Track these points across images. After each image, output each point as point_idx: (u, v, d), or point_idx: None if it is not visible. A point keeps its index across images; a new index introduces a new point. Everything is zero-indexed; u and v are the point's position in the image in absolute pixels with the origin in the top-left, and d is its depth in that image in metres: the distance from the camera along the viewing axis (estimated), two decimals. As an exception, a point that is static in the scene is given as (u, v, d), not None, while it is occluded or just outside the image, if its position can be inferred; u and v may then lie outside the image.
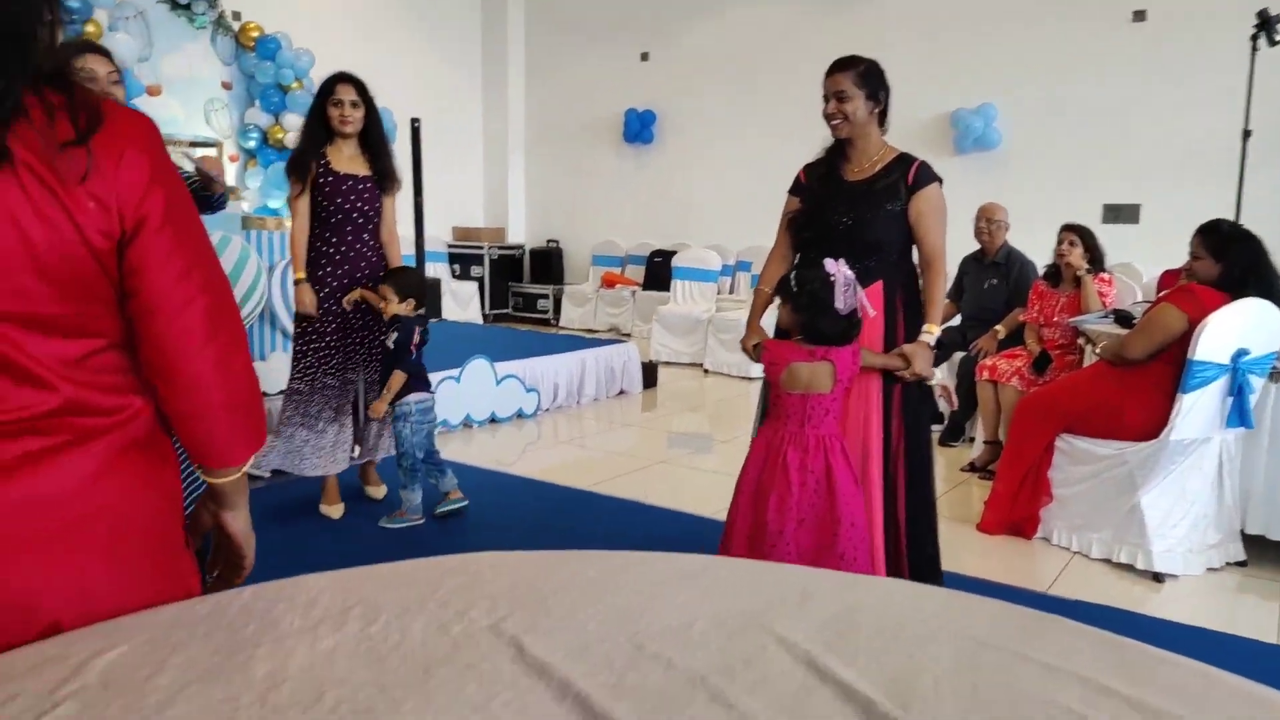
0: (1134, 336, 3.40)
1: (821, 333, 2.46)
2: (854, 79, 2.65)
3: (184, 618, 1.04)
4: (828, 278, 2.41)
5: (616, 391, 6.31)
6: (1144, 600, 3.14)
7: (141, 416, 1.08)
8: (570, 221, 10.31)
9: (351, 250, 3.54)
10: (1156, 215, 7.04)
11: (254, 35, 7.33)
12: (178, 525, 1.15)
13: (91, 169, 0.97)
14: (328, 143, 3.50)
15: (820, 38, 8.15)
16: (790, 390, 2.49)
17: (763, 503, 2.47)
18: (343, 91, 3.45)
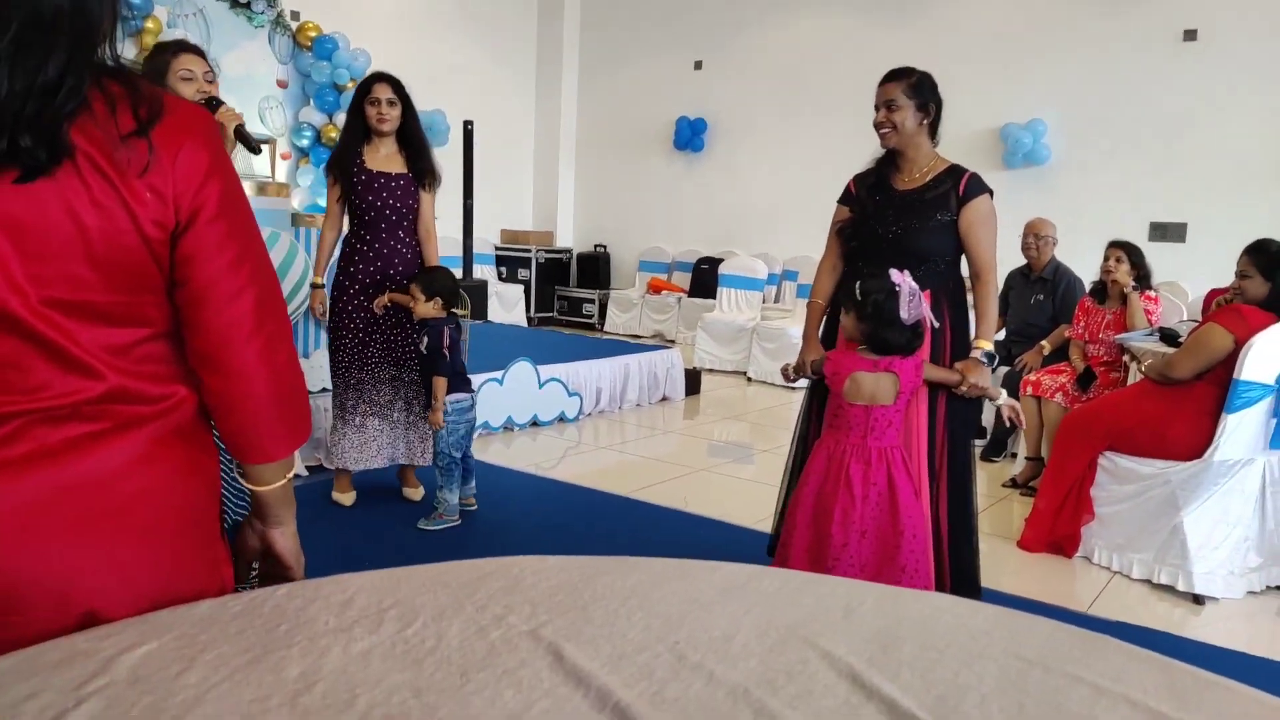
0: (1180, 356, 3.34)
1: (887, 343, 2.46)
2: (905, 89, 2.65)
3: (216, 615, 1.04)
4: (893, 288, 2.42)
5: (659, 398, 6.31)
6: (1184, 623, 3.09)
7: (185, 406, 1.09)
8: (618, 226, 10.34)
9: (385, 247, 3.58)
10: (1203, 234, 6.91)
11: (311, 35, 7.47)
12: (215, 515, 1.16)
13: (151, 161, 0.99)
14: (366, 141, 3.56)
15: (873, 50, 8.10)
16: (853, 401, 2.49)
17: (825, 516, 2.47)
18: (380, 90, 3.50)
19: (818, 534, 2.49)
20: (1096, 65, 7.35)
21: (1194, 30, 6.97)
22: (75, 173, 0.95)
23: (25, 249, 0.95)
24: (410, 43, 8.87)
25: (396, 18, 8.94)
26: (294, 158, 7.60)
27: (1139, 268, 4.52)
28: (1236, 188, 6.77)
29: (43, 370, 0.99)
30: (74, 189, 0.96)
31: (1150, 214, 7.19)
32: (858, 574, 2.44)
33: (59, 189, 0.95)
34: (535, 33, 10.47)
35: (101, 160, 0.97)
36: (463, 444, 3.55)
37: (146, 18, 6.54)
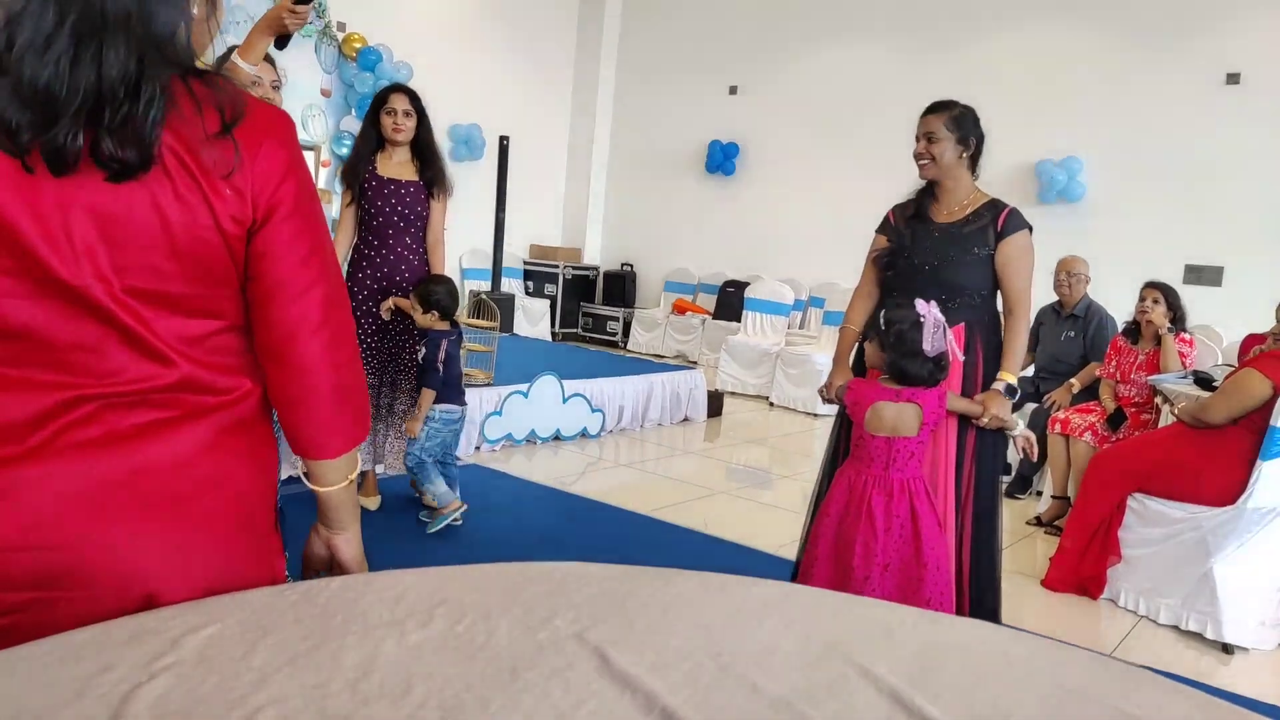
0: (1216, 400, 3.32)
1: (908, 374, 2.45)
2: (946, 122, 2.67)
3: (275, 603, 1.07)
4: (918, 319, 2.41)
5: (681, 418, 6.32)
6: (1212, 672, 3.05)
7: (250, 398, 1.12)
8: (646, 246, 10.40)
9: (392, 254, 3.63)
10: (1239, 278, 6.86)
11: (357, 46, 7.60)
12: (272, 506, 1.19)
13: (236, 160, 1.03)
14: (379, 150, 3.64)
15: (909, 83, 8.13)
16: (875, 432, 2.47)
17: (847, 548, 2.46)
18: (396, 101, 3.58)
19: (839, 566, 2.49)
20: (1136, 104, 7.35)
21: (1237, 74, 6.97)
22: (162, 169, 0.99)
23: (111, 238, 0.99)
24: (451, 56, 8.99)
25: (439, 32, 9.07)
26: (334, 165, 7.70)
27: (1175, 310, 4.49)
28: (1274, 233, 6.72)
29: (119, 355, 1.02)
30: (160, 184, 0.99)
31: (1186, 256, 7.16)
32: None
33: (146, 183, 0.99)
34: (573, 51, 10.60)
35: (188, 158, 1.00)
36: (438, 451, 3.56)
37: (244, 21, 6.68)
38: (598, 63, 10.45)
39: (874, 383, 2.52)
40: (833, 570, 2.50)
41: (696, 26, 9.91)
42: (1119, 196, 7.45)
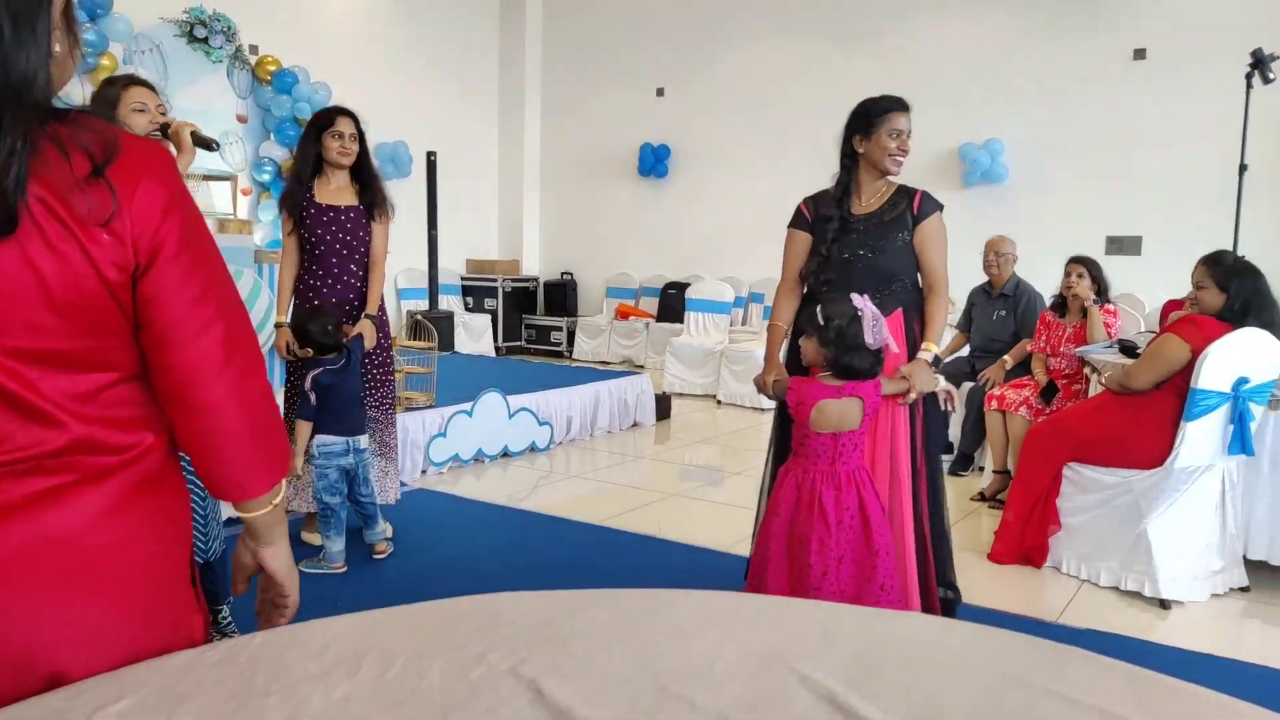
0: (1139, 367, 3.43)
1: (851, 369, 2.47)
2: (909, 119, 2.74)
3: (194, 666, 1.03)
4: (855, 313, 2.43)
5: (630, 424, 6.32)
6: (1151, 627, 3.14)
7: (153, 453, 1.07)
8: (584, 254, 10.39)
9: (339, 282, 3.56)
10: (1157, 247, 7.09)
11: (271, 69, 7.46)
12: (186, 562, 1.14)
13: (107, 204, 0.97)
14: (318, 174, 3.55)
15: (831, 76, 8.26)
16: (821, 430, 2.49)
17: (802, 546, 2.47)
18: (343, 124, 3.50)
19: (795, 564, 2.50)
20: (1050, 85, 7.55)
21: (1143, 49, 7.20)
22: (31, 221, 0.94)
23: None
24: (371, 75, 8.88)
25: (357, 50, 8.96)
26: (255, 193, 7.56)
27: (1098, 281, 4.62)
28: (1188, 201, 6.96)
29: (4, 422, 0.97)
30: (30, 237, 0.94)
31: (1106, 228, 7.37)
32: (838, 600, 2.45)
33: (15, 238, 0.93)
34: (497, 62, 10.54)
35: (58, 206, 0.95)
36: (335, 489, 3.39)
37: (102, 54, 6.50)
38: (522, 72, 10.40)
39: (815, 381, 2.53)
40: (788, 569, 2.52)
41: (619, 31, 9.92)
42: (1040, 175, 7.64)
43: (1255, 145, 5.50)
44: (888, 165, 2.75)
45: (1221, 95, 6.34)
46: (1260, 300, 3.33)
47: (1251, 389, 3.24)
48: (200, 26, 7.05)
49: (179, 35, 7.02)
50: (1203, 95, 6.85)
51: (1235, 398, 3.24)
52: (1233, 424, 3.26)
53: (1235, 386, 3.23)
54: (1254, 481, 3.45)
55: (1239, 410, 3.24)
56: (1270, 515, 3.45)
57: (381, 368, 3.73)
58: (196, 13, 7.07)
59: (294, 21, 8.38)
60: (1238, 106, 5.22)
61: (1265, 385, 3.30)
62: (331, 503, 3.39)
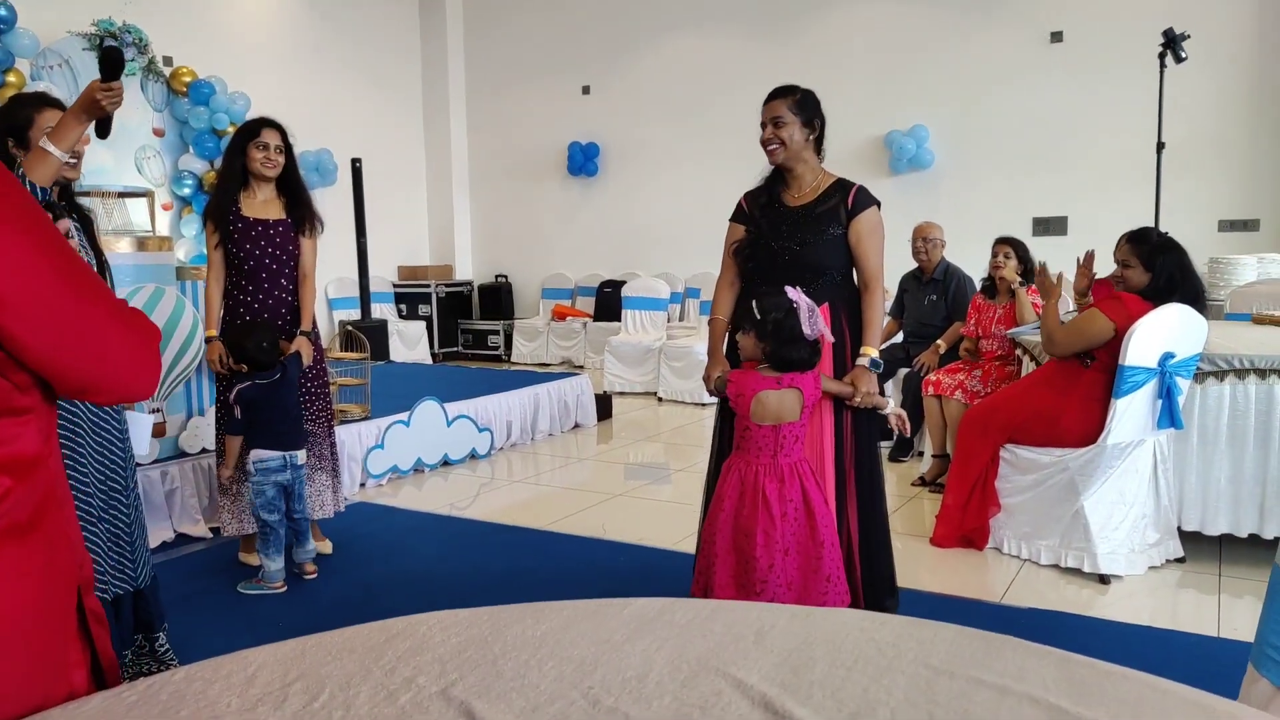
0: (1062, 334, 3.52)
1: (790, 361, 2.48)
2: (790, 105, 2.71)
3: (110, 709, 0.98)
4: (791, 305, 2.44)
5: (571, 425, 6.28)
6: (1092, 603, 3.21)
7: (13, 497, 0.98)
8: (518, 256, 10.31)
9: (270, 297, 3.49)
10: (1083, 226, 7.27)
11: (186, 80, 7.24)
12: (65, 612, 1.06)
13: None
14: (243, 187, 3.47)
15: (756, 67, 8.30)
16: (761, 421, 2.49)
17: (748, 540, 2.47)
18: (269, 135, 3.43)
19: (741, 559, 2.49)
20: (971, 70, 7.69)
21: (1060, 32, 7.37)
22: None
23: None
24: (291, 83, 8.70)
25: (275, 59, 8.76)
26: (176, 207, 7.34)
27: (1025, 262, 4.71)
28: (1110, 180, 7.15)
29: None
30: None
31: (1032, 210, 7.54)
32: (785, 593, 2.46)
33: None
34: (420, 66, 10.39)
35: None
36: (274, 505, 3.32)
37: (8, 71, 6.25)
38: (445, 75, 10.28)
39: (753, 373, 2.53)
40: (735, 564, 2.51)
41: (541, 30, 9.86)
42: (965, 159, 7.78)
43: (1171, 123, 5.68)
44: (767, 156, 2.76)
45: (1137, 75, 6.54)
46: (1184, 276, 3.41)
47: (1177, 363, 3.32)
48: (110, 39, 6.82)
49: (88, 49, 6.77)
50: (1119, 76, 7.04)
51: (1162, 373, 3.32)
52: (1161, 399, 3.35)
53: (1162, 362, 3.31)
54: (1184, 454, 3.54)
55: (1166, 385, 3.32)
56: (1201, 487, 3.53)
57: (316, 381, 3.66)
58: (105, 25, 6.83)
59: (209, 31, 8.16)
60: (1153, 86, 5.37)
61: (1191, 359, 3.39)
62: (270, 520, 3.31)
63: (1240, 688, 1.36)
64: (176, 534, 3.90)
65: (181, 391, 4.10)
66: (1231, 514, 3.50)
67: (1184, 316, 3.34)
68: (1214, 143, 6.91)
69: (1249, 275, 5.71)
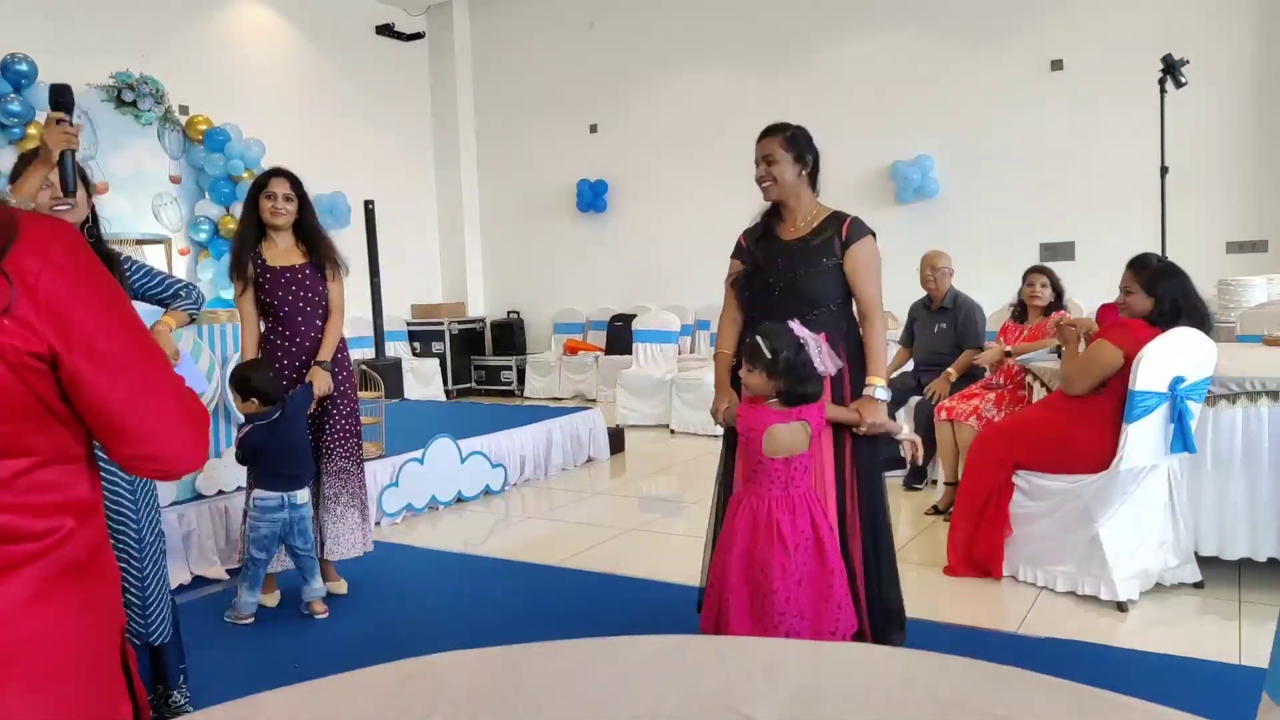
0: (1074, 374, 3.52)
1: (804, 396, 2.49)
2: (781, 143, 2.76)
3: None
4: (799, 342, 2.46)
5: (584, 460, 6.29)
6: (1111, 631, 3.17)
7: (76, 537, 1.04)
8: (529, 292, 10.38)
9: (306, 340, 3.57)
10: (1090, 251, 7.28)
11: (202, 128, 7.38)
12: (114, 649, 1.11)
13: (12, 294, 0.95)
14: (262, 238, 3.56)
15: (760, 101, 8.39)
16: (774, 455, 2.51)
17: (764, 574, 2.47)
18: (276, 185, 3.51)
19: (755, 592, 2.49)
20: (974, 98, 7.76)
21: (1060, 60, 7.44)
22: None
23: None
24: (304, 128, 8.85)
25: (288, 105, 8.92)
26: (193, 252, 7.45)
27: (1058, 290, 4.78)
28: (1116, 205, 7.16)
29: None
30: None
31: (1039, 235, 7.55)
32: (799, 624, 2.46)
33: None
34: (429, 108, 10.55)
35: None
36: (265, 544, 3.36)
37: (28, 124, 6.38)
38: (455, 116, 10.43)
39: (763, 407, 2.54)
40: (749, 597, 2.51)
41: (548, 70, 10.00)
42: (971, 187, 7.82)
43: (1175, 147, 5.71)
44: (761, 192, 2.81)
45: (1138, 101, 6.57)
46: (1187, 300, 3.42)
47: (1188, 387, 3.32)
48: (128, 90, 6.96)
49: (107, 100, 6.92)
50: (1120, 102, 7.08)
51: (1173, 397, 3.31)
52: (1173, 423, 3.33)
53: (1172, 386, 3.30)
54: (1199, 478, 3.51)
55: (1178, 409, 3.31)
56: (1217, 511, 3.50)
57: (349, 418, 3.73)
58: (123, 77, 6.98)
59: (224, 80, 8.32)
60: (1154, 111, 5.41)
61: (1201, 383, 3.38)
62: (258, 557, 3.38)
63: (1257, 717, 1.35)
64: (194, 576, 3.92)
65: (198, 434, 4.14)
66: (1249, 538, 3.47)
67: (1192, 340, 3.34)
68: (1219, 165, 6.93)
69: (1259, 296, 5.70)
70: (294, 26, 9.15)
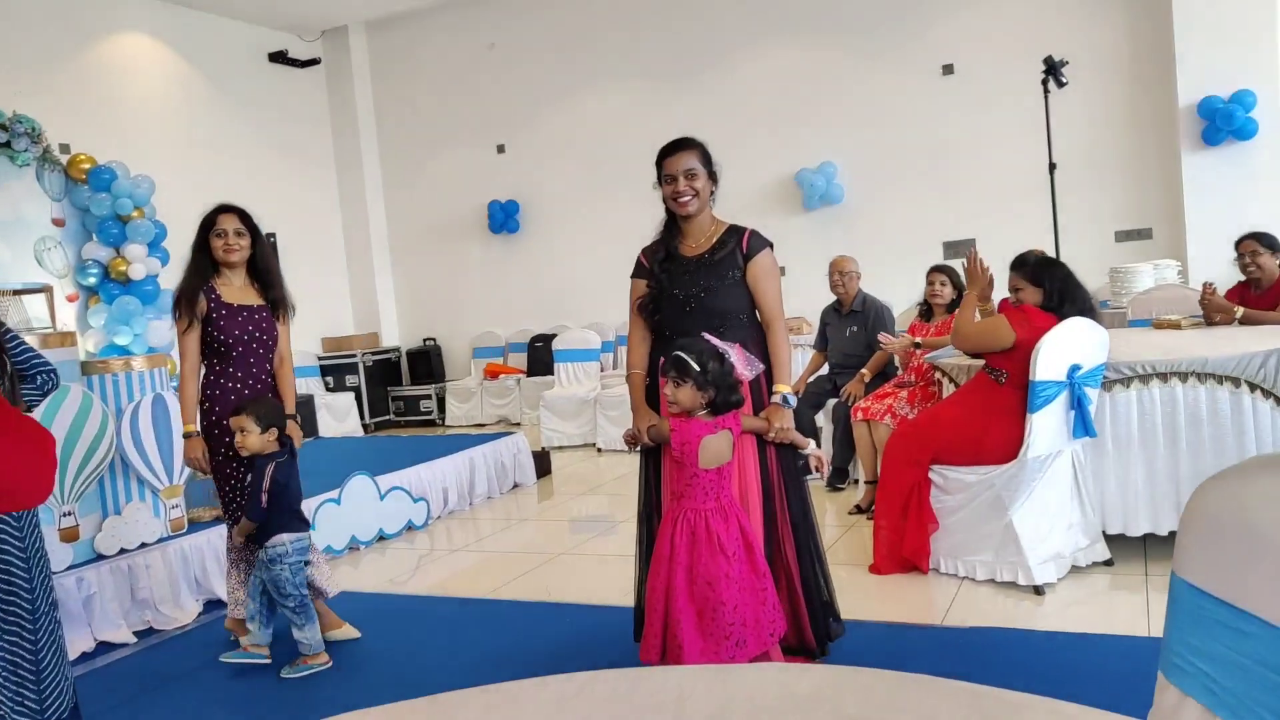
0: (967, 332, 3.67)
1: (731, 404, 2.56)
2: (699, 157, 2.79)
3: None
4: (719, 352, 2.52)
5: (510, 486, 6.21)
6: (1030, 615, 3.26)
7: None
8: (445, 317, 10.24)
9: (258, 382, 3.45)
10: (990, 246, 7.44)
11: (85, 167, 7.06)
12: None
13: None
14: (215, 275, 3.44)
15: (664, 116, 8.43)
16: (707, 466, 2.54)
17: (712, 587, 2.48)
18: (225, 221, 3.42)
19: (704, 608, 2.49)
20: (871, 104, 7.96)
21: (950, 64, 7.68)
22: None
23: None
24: (197, 162, 8.59)
25: (178, 138, 8.65)
26: (82, 298, 7.12)
27: (959, 288, 4.91)
28: (1011, 201, 7.42)
29: None
30: None
31: (942, 234, 7.77)
32: (744, 630, 2.48)
33: None
34: (330, 136, 10.35)
35: None
36: (303, 581, 3.34)
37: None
38: (358, 143, 10.24)
39: (694, 420, 2.57)
40: (697, 616, 2.50)
41: (451, 93, 9.90)
42: (874, 191, 8.01)
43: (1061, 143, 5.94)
44: (675, 209, 2.82)
45: (1025, 101, 6.83)
46: (1073, 288, 3.60)
47: (1085, 375, 3.44)
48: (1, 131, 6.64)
49: (-23, 141, 6.59)
50: (1009, 102, 7.35)
51: (1072, 385, 3.43)
52: (1073, 410, 3.46)
53: (1070, 374, 3.42)
54: (1101, 461, 3.65)
55: (1077, 396, 3.44)
56: (1120, 490, 3.64)
57: None
58: (-6, 116, 6.66)
59: (106, 115, 8.03)
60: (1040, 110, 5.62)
61: (1097, 369, 3.51)
62: (304, 594, 3.32)
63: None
64: (97, 642, 3.73)
65: (94, 491, 3.95)
66: (1151, 514, 3.61)
67: (1086, 329, 3.47)
68: (1103, 158, 7.24)
69: (1147, 282, 5.96)
70: (180, 56, 8.86)
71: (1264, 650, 0.72)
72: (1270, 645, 0.71)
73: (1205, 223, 6.65)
